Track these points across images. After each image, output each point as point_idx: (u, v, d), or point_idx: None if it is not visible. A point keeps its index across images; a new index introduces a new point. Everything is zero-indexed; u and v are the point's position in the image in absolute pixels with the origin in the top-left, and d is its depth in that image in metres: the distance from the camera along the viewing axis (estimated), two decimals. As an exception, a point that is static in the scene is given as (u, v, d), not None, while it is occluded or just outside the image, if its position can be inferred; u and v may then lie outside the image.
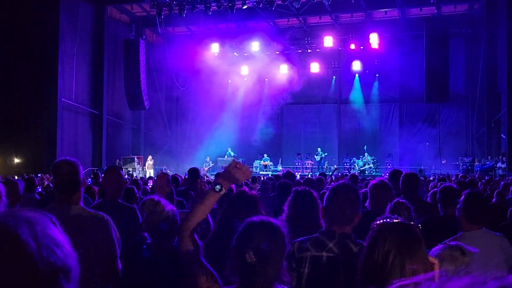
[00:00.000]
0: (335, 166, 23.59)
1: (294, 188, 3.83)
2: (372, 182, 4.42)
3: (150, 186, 8.92)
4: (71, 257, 0.89)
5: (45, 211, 2.95)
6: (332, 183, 7.64)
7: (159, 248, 2.93)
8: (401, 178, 5.13)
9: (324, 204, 2.81)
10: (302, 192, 3.73)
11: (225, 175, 2.22)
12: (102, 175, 10.78)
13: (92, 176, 13.36)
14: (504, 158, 19.28)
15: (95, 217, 3.03)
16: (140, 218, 4.05)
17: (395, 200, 3.53)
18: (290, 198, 3.73)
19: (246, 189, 3.91)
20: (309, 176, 15.21)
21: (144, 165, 23.26)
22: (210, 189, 2.23)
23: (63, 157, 3.23)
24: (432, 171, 22.03)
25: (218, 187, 2.20)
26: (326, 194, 2.83)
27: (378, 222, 1.85)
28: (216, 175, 2.53)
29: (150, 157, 23.68)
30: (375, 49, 24.56)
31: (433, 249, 2.61)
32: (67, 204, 3.00)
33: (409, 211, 3.40)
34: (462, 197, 3.54)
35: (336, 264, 2.60)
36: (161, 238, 2.94)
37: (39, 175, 12.79)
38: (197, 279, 2.06)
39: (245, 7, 21.08)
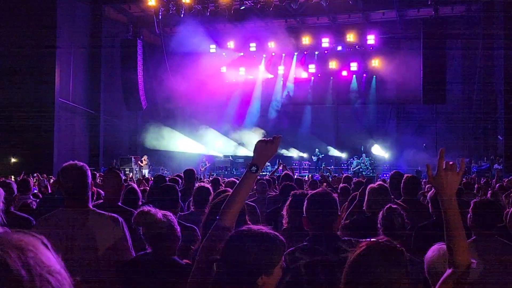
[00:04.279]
0: (332, 167, 23.65)
1: (292, 192, 3.81)
2: (370, 185, 4.40)
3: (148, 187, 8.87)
4: (67, 284, 0.82)
5: (54, 216, 2.92)
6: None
7: (161, 259, 2.89)
8: (402, 181, 5.16)
9: (304, 214, 2.86)
10: (300, 195, 3.69)
11: (257, 154, 2.23)
12: (99, 176, 10.74)
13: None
14: (500, 159, 19.31)
15: (109, 219, 3.04)
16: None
17: (387, 206, 3.50)
18: (288, 202, 3.69)
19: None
20: (307, 177, 15.24)
21: (140, 166, 23.22)
22: (246, 171, 2.21)
23: (70, 160, 3.21)
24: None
25: (254, 168, 2.19)
26: (305, 203, 2.88)
27: (360, 246, 1.78)
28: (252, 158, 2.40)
29: (145, 157, 23.64)
30: (372, 50, 24.62)
31: (431, 248, 2.63)
32: (77, 208, 3.02)
33: (402, 218, 3.37)
34: (472, 204, 3.61)
35: (331, 266, 2.62)
36: (161, 249, 2.90)
37: (35, 174, 12.72)
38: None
39: (242, 7, 21.08)
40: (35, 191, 8.44)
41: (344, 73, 26.40)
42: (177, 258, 2.89)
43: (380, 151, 25.31)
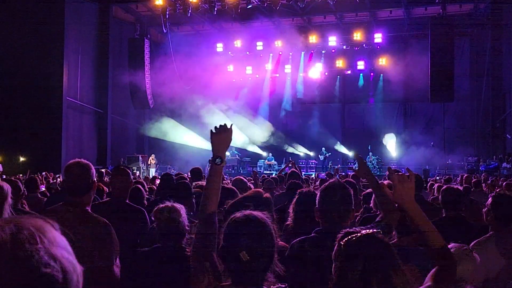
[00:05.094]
0: (338, 165, 23.60)
1: (299, 190, 3.80)
2: (380, 182, 4.41)
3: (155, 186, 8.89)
4: (58, 263, 0.84)
5: (48, 212, 2.90)
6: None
7: (170, 251, 2.90)
8: None
9: (317, 205, 2.80)
10: (307, 193, 3.68)
11: (215, 146, 2.34)
12: (105, 173, 10.78)
13: (96, 175, 13.38)
14: (510, 158, 19.18)
15: (96, 222, 2.96)
16: (149, 221, 4.00)
17: None
18: (295, 200, 3.68)
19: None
20: (314, 176, 15.22)
21: (148, 164, 23.30)
22: (211, 164, 2.30)
23: (76, 158, 3.18)
24: (437, 171, 21.97)
25: (218, 160, 2.28)
26: (318, 194, 2.83)
27: (343, 240, 1.82)
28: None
29: (153, 156, 23.70)
30: (379, 48, 24.53)
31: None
32: (74, 206, 2.97)
33: None
34: (489, 199, 3.59)
35: None
36: (172, 243, 2.91)
37: (43, 173, 12.79)
38: (200, 277, 2.04)
39: (249, 6, 21.07)
40: (43, 189, 8.50)
41: (349, 71, 26.33)
42: (184, 250, 2.90)
43: (392, 145, 25.06)
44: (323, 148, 25.08)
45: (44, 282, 0.81)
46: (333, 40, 24.44)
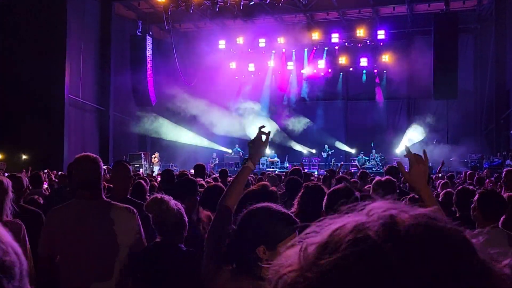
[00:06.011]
0: (341, 163, 23.56)
1: (305, 184, 3.76)
2: (378, 178, 4.39)
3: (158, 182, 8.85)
4: (12, 253, 0.83)
5: (67, 206, 2.95)
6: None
7: (168, 247, 2.88)
8: None
9: (323, 208, 2.81)
10: (312, 187, 3.64)
11: (250, 152, 2.54)
12: (107, 169, 10.75)
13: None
14: (513, 155, 19.09)
15: (123, 210, 3.07)
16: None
17: (410, 196, 3.47)
18: (300, 194, 3.65)
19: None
20: (316, 174, 15.17)
21: (151, 162, 23.28)
22: (242, 165, 2.50)
23: (85, 152, 3.26)
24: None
25: (245, 160, 2.50)
26: (325, 198, 2.82)
27: None
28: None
29: (156, 154, 23.67)
30: (383, 45, 24.45)
31: None
32: (90, 199, 3.03)
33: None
34: (477, 195, 3.55)
35: None
36: (170, 236, 2.88)
37: (45, 170, 12.78)
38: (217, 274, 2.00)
39: (252, 3, 21.02)
40: (45, 186, 8.52)
41: (351, 68, 26.25)
42: (183, 246, 2.88)
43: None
44: (326, 146, 25.04)
45: (6, 269, 0.81)
46: (336, 37, 24.37)
